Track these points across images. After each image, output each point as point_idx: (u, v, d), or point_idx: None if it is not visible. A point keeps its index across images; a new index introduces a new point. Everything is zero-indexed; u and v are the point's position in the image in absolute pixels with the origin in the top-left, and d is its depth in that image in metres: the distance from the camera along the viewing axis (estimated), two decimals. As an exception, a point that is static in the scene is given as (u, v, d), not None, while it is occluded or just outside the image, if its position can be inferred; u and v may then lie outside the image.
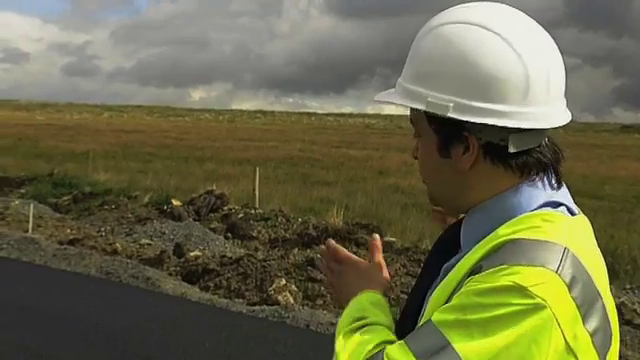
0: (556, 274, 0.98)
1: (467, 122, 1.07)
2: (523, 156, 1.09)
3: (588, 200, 14.60)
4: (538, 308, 0.95)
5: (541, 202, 1.10)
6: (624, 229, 11.75)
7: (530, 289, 0.96)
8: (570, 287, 0.98)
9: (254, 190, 12.97)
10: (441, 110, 1.08)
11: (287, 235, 10.60)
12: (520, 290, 0.96)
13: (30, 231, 10.64)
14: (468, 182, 1.12)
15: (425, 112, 1.10)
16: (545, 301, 0.95)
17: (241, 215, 11.92)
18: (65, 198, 14.33)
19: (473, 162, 1.10)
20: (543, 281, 0.96)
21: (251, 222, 11.37)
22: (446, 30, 1.09)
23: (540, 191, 1.10)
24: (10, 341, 5.69)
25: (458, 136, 1.09)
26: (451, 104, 1.07)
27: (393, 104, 1.15)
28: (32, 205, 11.73)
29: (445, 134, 1.11)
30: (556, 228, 1.04)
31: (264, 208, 12.44)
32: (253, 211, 12.13)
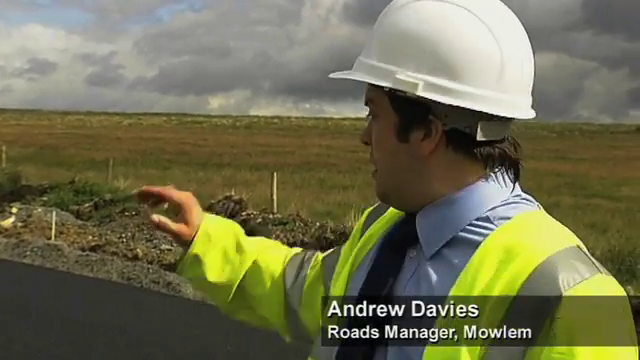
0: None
1: (437, 104, 0.99)
2: (487, 147, 1.02)
3: (605, 201, 14.56)
4: None
5: (507, 197, 1.04)
6: (642, 230, 11.71)
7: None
8: None
9: (272, 195, 13.06)
10: (410, 88, 1.00)
11: (305, 239, 10.68)
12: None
13: (53, 238, 10.82)
14: (426, 171, 1.03)
15: (389, 90, 1.01)
16: None
17: (259, 220, 12.02)
18: (86, 205, 14.51)
19: (433, 149, 1.02)
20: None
21: (269, 226, 11.47)
22: (422, 6, 1.02)
23: (502, 186, 1.04)
24: (34, 346, 5.83)
25: (422, 119, 1.01)
26: (421, 82, 0.99)
27: (355, 80, 1.05)
28: (54, 212, 11.93)
29: (408, 116, 1.02)
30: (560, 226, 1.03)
31: (282, 213, 12.52)
32: (271, 216, 12.24)
